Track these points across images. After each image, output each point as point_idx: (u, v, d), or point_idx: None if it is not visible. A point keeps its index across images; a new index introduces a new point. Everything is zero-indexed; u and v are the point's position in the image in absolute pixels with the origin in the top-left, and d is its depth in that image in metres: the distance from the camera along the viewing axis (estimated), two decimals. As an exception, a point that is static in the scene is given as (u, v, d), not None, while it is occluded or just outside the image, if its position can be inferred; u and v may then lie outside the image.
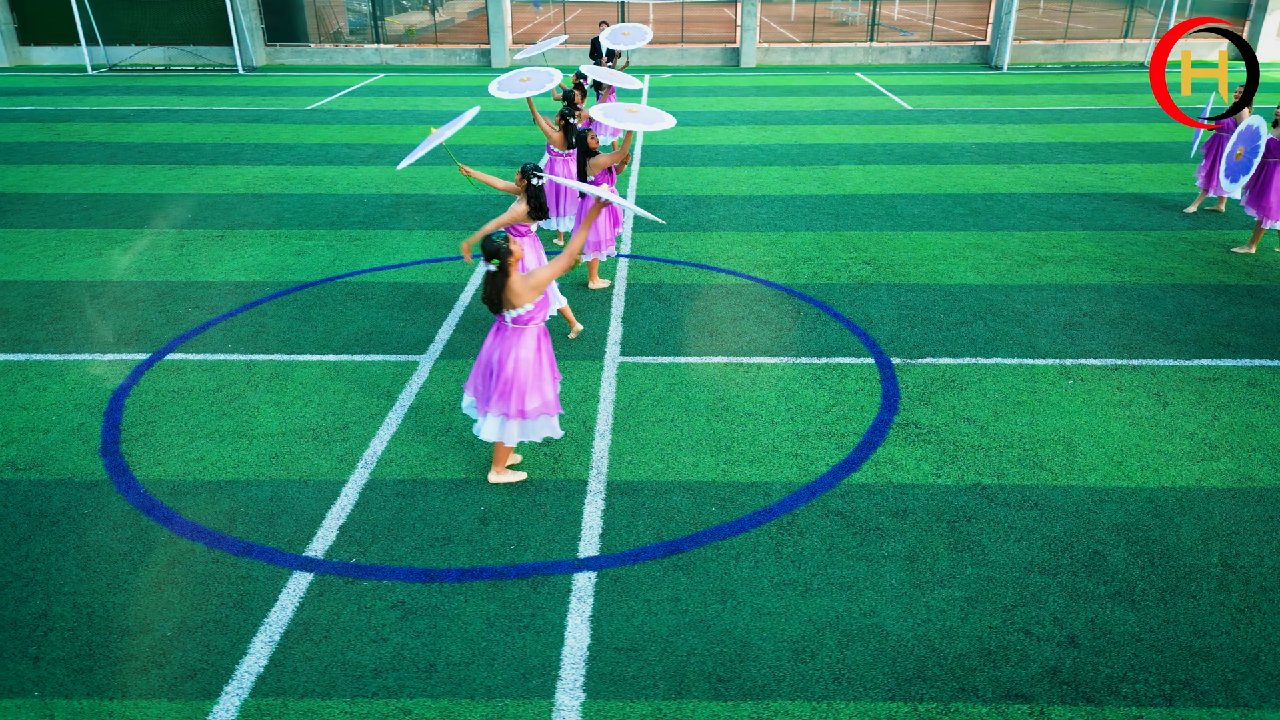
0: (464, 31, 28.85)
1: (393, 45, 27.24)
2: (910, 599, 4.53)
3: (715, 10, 28.52)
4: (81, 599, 4.55)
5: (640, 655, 4.18)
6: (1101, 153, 14.64)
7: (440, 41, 27.43)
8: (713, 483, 5.54)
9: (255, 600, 4.54)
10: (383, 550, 4.92)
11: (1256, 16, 26.41)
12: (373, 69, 26.14)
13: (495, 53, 26.24)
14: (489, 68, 26.43)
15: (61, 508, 5.29)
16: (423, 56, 27.10)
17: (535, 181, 6.74)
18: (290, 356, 7.25)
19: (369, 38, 27.57)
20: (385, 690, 3.99)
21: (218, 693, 3.98)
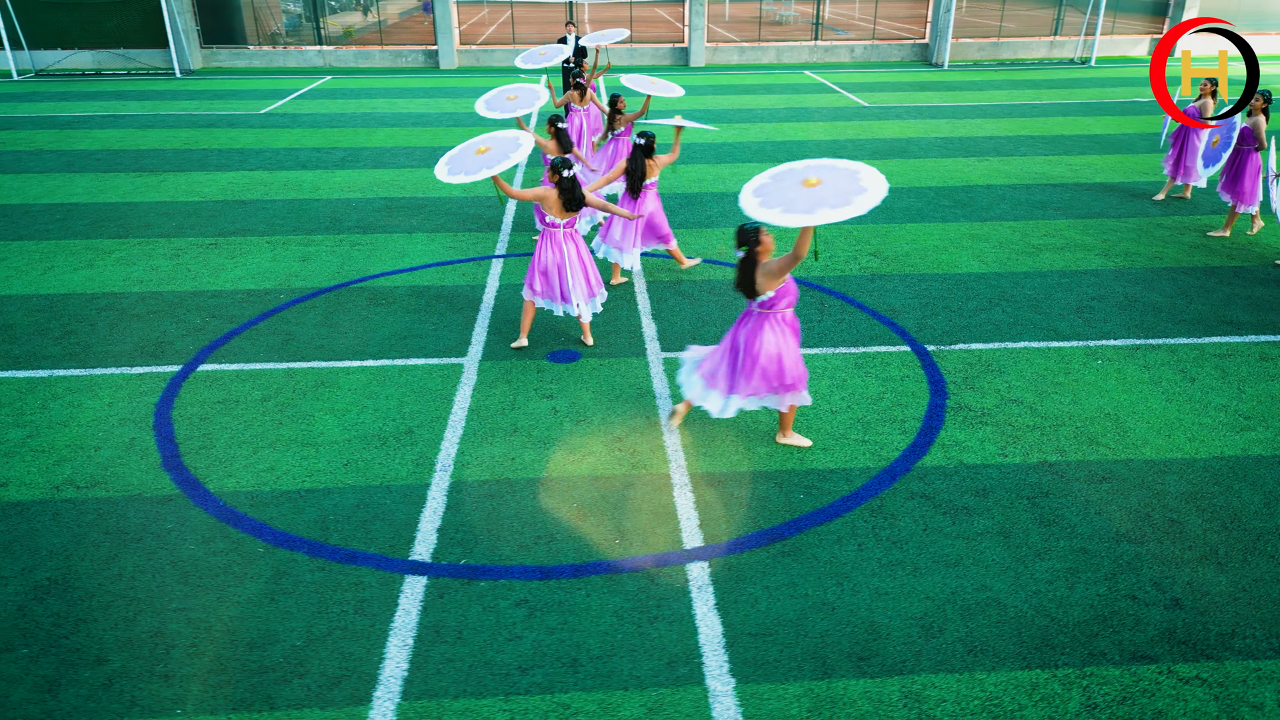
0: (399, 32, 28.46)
1: (335, 47, 26.71)
2: (1015, 572, 4.72)
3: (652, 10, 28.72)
4: (194, 614, 4.44)
5: (776, 639, 4.28)
6: (1060, 145, 15.24)
7: (385, 43, 27.01)
8: (792, 471, 5.67)
9: (375, 606, 4.50)
10: (488, 550, 4.92)
11: (1175, 14, 27.71)
12: (317, 71, 25.60)
13: (443, 54, 25.97)
14: (436, 69, 26.14)
15: (140, 524, 5.14)
16: (367, 58, 26.65)
17: (566, 174, 6.80)
18: (329, 363, 7.14)
19: (310, 39, 26.98)
20: (536, 687, 4.01)
21: (368, 698, 3.94)
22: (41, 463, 5.76)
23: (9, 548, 4.94)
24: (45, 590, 4.61)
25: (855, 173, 5.20)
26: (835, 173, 5.25)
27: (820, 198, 5.01)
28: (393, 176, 13.19)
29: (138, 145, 15.40)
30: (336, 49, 26.72)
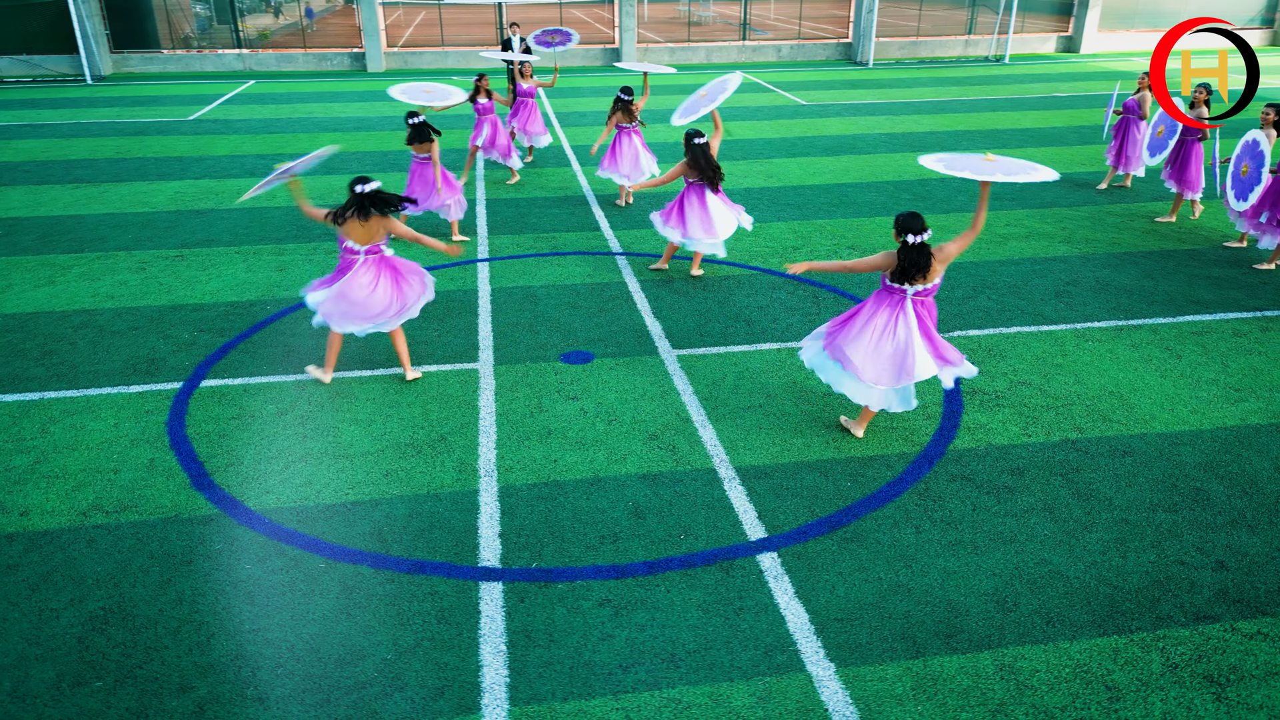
0: (317, 35, 27.75)
1: (256, 50, 25.91)
2: (1069, 545, 4.94)
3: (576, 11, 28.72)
4: (271, 634, 4.32)
5: (862, 623, 4.38)
6: (998, 139, 15.83)
7: (309, 45, 26.33)
8: (832, 460, 5.80)
9: (458, 614, 4.45)
10: (556, 553, 4.90)
11: (1080, 13, 29.04)
12: (238, 75, 24.79)
13: (370, 56, 25.46)
14: (364, 72, 25.61)
15: (186, 546, 4.96)
16: (291, 61, 25.94)
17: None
18: (339, 374, 6.98)
19: (228, 42, 26.11)
20: (641, 684, 4.03)
21: (476, 707, 3.90)
22: (59, 489, 5.50)
23: (49, 579, 4.70)
24: (102, 620, 4.41)
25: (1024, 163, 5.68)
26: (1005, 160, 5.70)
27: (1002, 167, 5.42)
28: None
29: (66, 155, 14.70)
30: (257, 52, 25.93)
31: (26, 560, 4.84)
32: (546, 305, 8.35)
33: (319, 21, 31.03)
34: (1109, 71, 24.63)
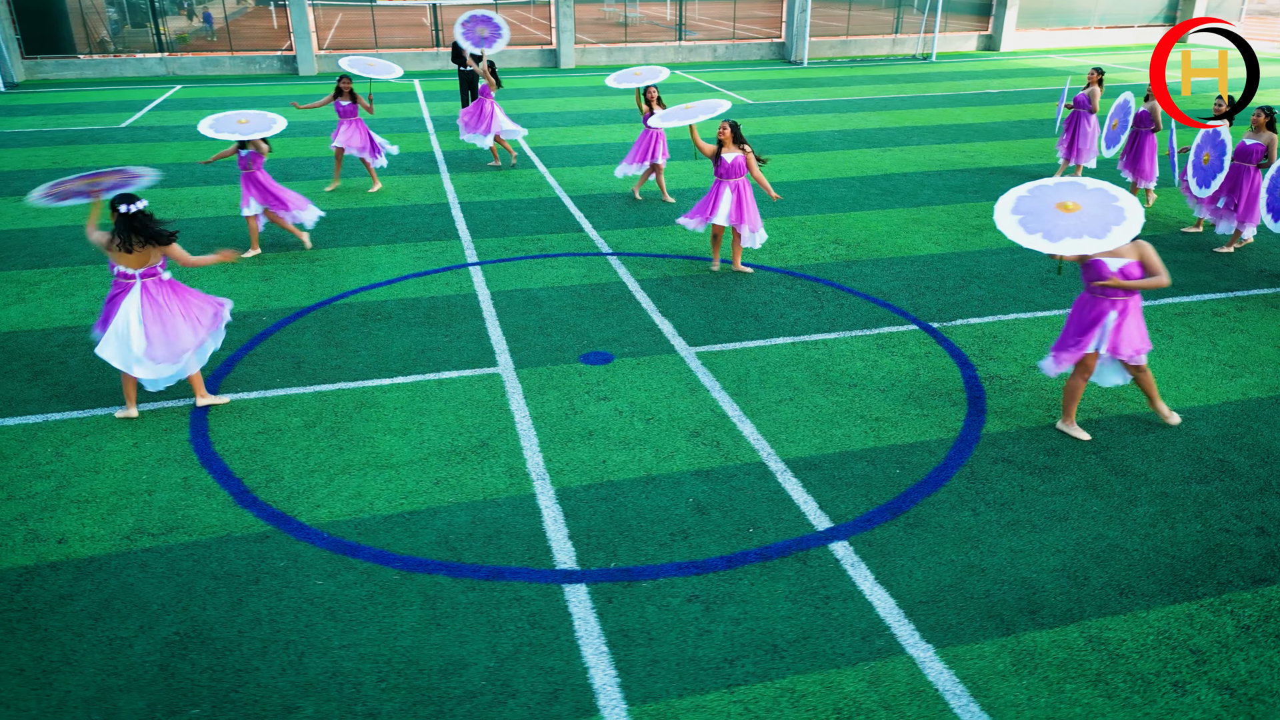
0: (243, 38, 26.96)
1: (179, 54, 25.01)
2: (1120, 520, 5.16)
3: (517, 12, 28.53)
4: (364, 649, 4.22)
5: (947, 604, 4.51)
6: (947, 134, 16.32)
7: (235, 49, 25.53)
8: (874, 449, 5.93)
9: (549, 618, 4.42)
10: (631, 552, 4.91)
11: (999, 12, 30.09)
12: (162, 80, 23.89)
13: (302, 59, 24.83)
14: (295, 75, 24.95)
15: (248, 565, 4.81)
16: (217, 65, 25.13)
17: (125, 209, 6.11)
18: (359, 384, 6.83)
19: (149, 46, 25.15)
20: (751, 676, 4.07)
21: (594, 709, 3.89)
22: (93, 513, 5.26)
23: (109, 606, 4.50)
24: (180, 645, 4.25)
25: (1114, 197, 5.52)
26: (1094, 198, 5.52)
27: (1083, 227, 5.28)
28: (310, 188, 12.58)
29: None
30: (180, 56, 25.03)
31: (79, 589, 4.62)
32: (551, 307, 8.31)
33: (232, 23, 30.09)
34: (1030, 69, 25.58)
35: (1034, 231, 5.39)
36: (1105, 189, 5.65)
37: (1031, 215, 5.52)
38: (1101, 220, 5.36)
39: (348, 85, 11.84)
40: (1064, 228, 5.36)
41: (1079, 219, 5.39)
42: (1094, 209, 5.47)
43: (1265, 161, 9.33)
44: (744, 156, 8.69)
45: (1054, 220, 5.43)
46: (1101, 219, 5.37)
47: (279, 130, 9.29)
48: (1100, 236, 5.25)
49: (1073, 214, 5.45)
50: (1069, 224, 5.37)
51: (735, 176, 8.74)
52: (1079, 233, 5.30)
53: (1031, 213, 5.54)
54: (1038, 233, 5.37)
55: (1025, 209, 5.60)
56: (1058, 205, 5.54)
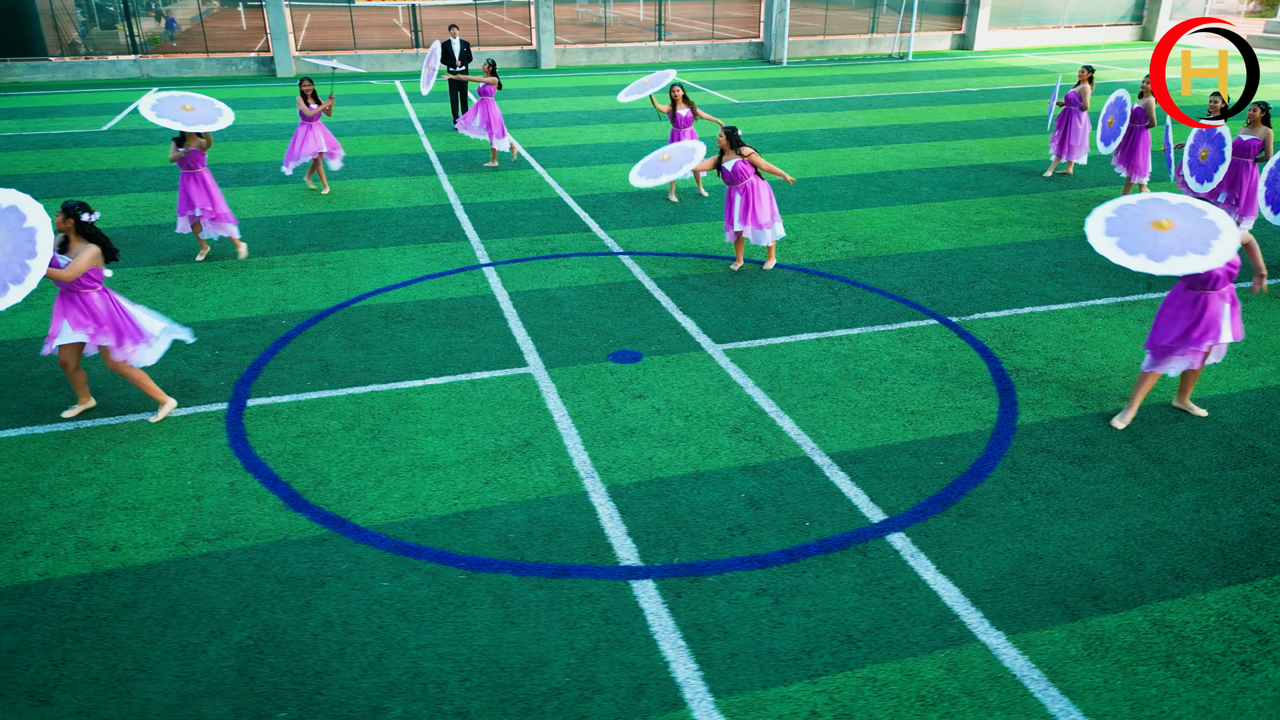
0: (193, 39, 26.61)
1: (154, 56, 24.65)
2: (1165, 506, 5.28)
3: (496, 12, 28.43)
4: (441, 649, 4.22)
5: (1011, 592, 4.59)
6: (935, 132, 16.53)
7: (211, 50, 25.20)
8: (914, 441, 6.01)
9: (621, 614, 4.45)
10: (692, 547, 4.95)
11: (971, 11, 30.49)
12: (136, 83, 23.52)
13: (279, 61, 24.57)
14: (273, 77, 24.70)
15: (311, 568, 4.78)
16: (192, 67, 24.79)
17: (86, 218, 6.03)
18: (391, 385, 6.81)
19: (123, 48, 24.76)
20: (833, 666, 4.12)
21: (681, 702, 3.92)
22: (142, 520, 5.20)
23: (175, 613, 4.46)
24: (255, 650, 4.22)
25: (1201, 211, 5.57)
26: (1183, 213, 5.56)
27: (1185, 244, 5.32)
28: (308, 190, 12.49)
29: (-16, 171, 13.71)
30: (155, 58, 24.67)
31: (142, 596, 4.57)
32: (572, 307, 8.32)
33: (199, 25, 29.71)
34: (1005, 67, 25.96)
35: (1136, 253, 5.43)
36: (1189, 202, 5.69)
37: (1128, 236, 5.56)
38: (1200, 235, 5.40)
39: (310, 88, 11.72)
40: (1166, 246, 5.39)
41: (1177, 236, 5.44)
42: (1187, 224, 5.51)
43: (1262, 156, 9.55)
44: (745, 160, 8.77)
45: (1153, 240, 5.46)
46: (1199, 234, 5.40)
47: (225, 124, 8.98)
48: (1205, 253, 5.30)
49: (1169, 231, 5.49)
50: (1169, 242, 5.41)
51: (741, 181, 8.82)
52: (1182, 250, 5.35)
53: (1127, 234, 5.58)
54: (1140, 254, 5.41)
55: (1119, 230, 5.64)
56: (1152, 224, 5.58)
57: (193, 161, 9.10)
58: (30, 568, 4.78)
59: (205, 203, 9.23)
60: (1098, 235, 5.67)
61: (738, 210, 8.89)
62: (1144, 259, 5.40)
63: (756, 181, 8.88)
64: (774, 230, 8.99)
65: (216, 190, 9.33)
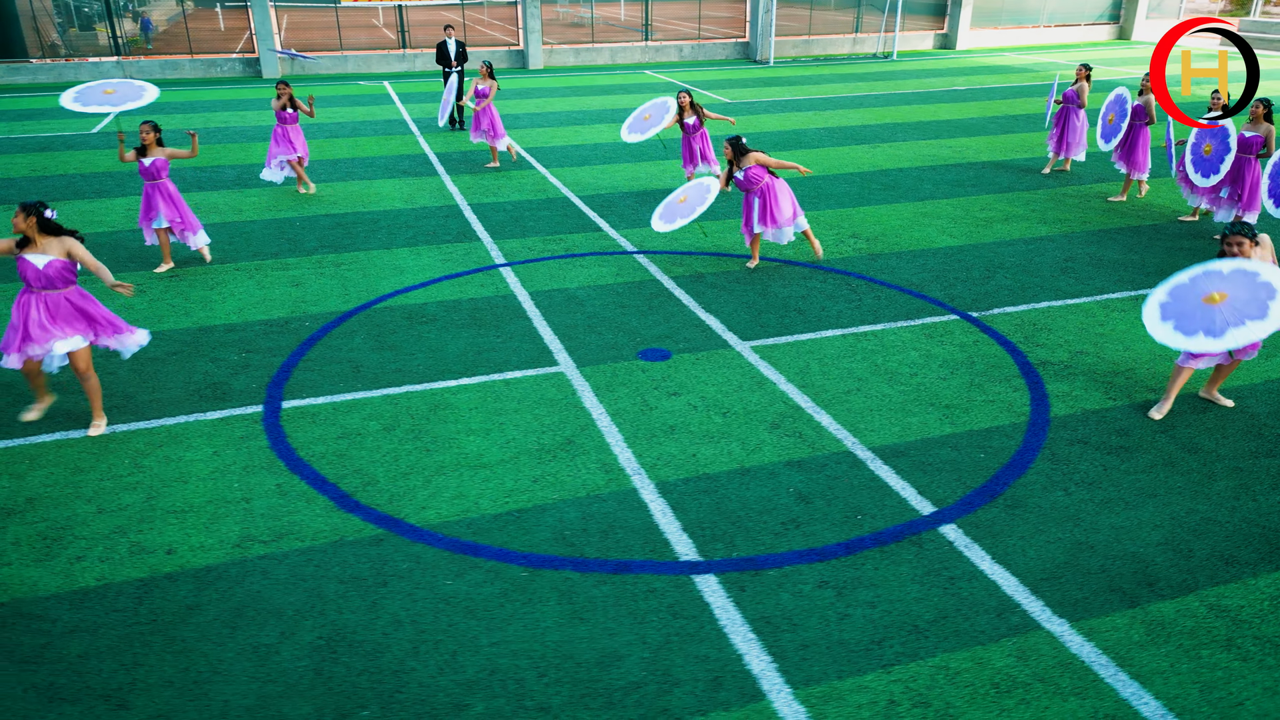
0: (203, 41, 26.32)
1: (137, 57, 24.36)
2: (1204, 494, 5.39)
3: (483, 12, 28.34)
4: (514, 646, 4.24)
5: (1068, 580, 4.67)
6: (928, 130, 16.69)
7: (195, 51, 24.95)
8: (952, 435, 6.09)
9: (688, 608, 4.48)
10: (749, 541, 4.99)
11: (953, 11, 30.79)
12: (124, 86, 23.18)
13: (265, 62, 24.37)
14: (259, 78, 24.49)
15: (370, 568, 4.78)
16: (176, 69, 24.54)
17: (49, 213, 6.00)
18: (425, 386, 6.81)
19: (103, 49, 24.45)
20: (904, 656, 4.18)
21: (760, 694, 3.97)
22: (193, 523, 5.17)
23: (241, 614, 4.45)
24: (328, 650, 4.22)
25: (1253, 275, 5.56)
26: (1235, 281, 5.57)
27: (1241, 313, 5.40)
28: (320, 195, 12.42)
29: (-22, 175, 13.50)
30: (138, 59, 24.39)
31: (205, 599, 4.55)
32: (594, 306, 8.34)
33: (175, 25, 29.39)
34: (988, 66, 26.25)
35: (1194, 333, 5.51)
36: (1240, 266, 5.70)
37: (1184, 317, 5.63)
38: (1255, 301, 5.44)
39: (288, 91, 11.63)
40: (1223, 320, 5.48)
41: (1232, 306, 5.51)
42: (1240, 292, 5.56)
43: (1264, 152, 9.74)
44: (755, 165, 8.84)
45: (1208, 316, 5.54)
46: (1255, 299, 5.45)
47: (150, 100, 8.74)
48: (1262, 317, 5.36)
49: (1223, 304, 5.56)
50: (1225, 314, 5.49)
51: (756, 186, 8.89)
52: (1240, 320, 5.43)
53: (1183, 314, 5.65)
54: (1198, 333, 5.49)
55: (1174, 313, 5.71)
56: (1204, 300, 5.65)
57: (156, 171, 8.94)
58: (86, 573, 4.74)
59: (173, 215, 9.04)
60: (1154, 323, 5.73)
61: (756, 213, 8.96)
62: (1202, 337, 5.48)
63: (772, 181, 8.94)
64: (798, 224, 9.07)
65: (181, 200, 9.15)
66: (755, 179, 8.86)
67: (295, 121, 11.81)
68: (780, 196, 8.93)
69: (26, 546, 4.96)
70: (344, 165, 14.12)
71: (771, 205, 8.88)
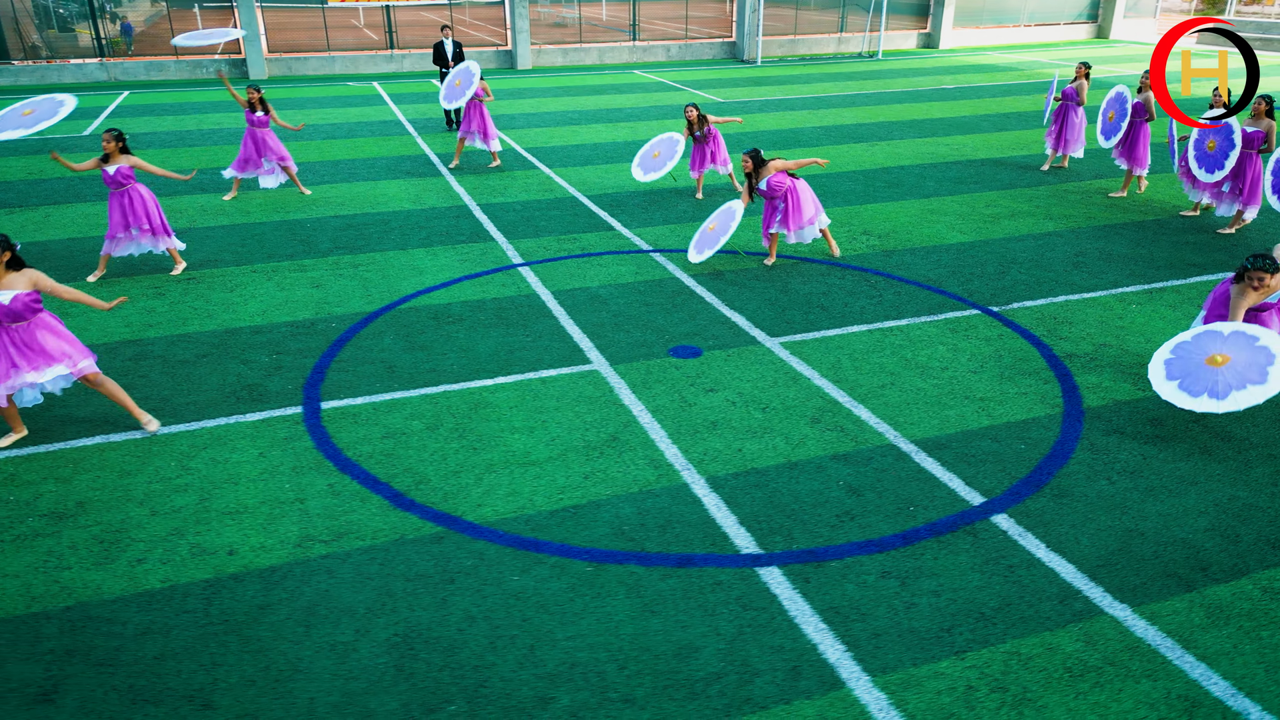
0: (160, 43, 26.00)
1: (121, 59, 24.09)
2: (1244, 480, 5.52)
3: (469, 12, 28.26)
4: (590, 639, 4.28)
5: (1123, 566, 4.78)
6: (924, 129, 16.86)
7: (180, 53, 24.70)
8: (991, 427, 6.19)
9: (757, 600, 4.55)
10: (806, 534, 5.06)
11: (936, 10, 31.08)
12: (105, 86, 22.97)
13: (252, 62, 24.19)
14: (246, 79, 24.28)
15: (436, 565, 4.80)
16: (161, 70, 24.30)
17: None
18: (462, 385, 6.82)
19: (89, 51, 24.16)
20: (974, 642, 4.26)
21: (839, 682, 4.03)
22: (251, 524, 5.17)
23: (314, 612, 4.46)
24: (405, 646, 4.24)
25: (1252, 339, 5.79)
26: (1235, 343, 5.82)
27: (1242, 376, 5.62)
28: (320, 194, 12.37)
29: (-26, 178, 13.33)
30: (123, 61, 24.12)
31: (274, 598, 4.55)
32: (618, 305, 8.38)
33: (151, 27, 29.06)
34: (973, 65, 26.53)
35: (1199, 394, 5.71)
36: (1239, 330, 5.91)
37: (1188, 377, 5.83)
38: (1255, 365, 5.67)
39: (257, 95, 11.48)
40: (1225, 382, 5.68)
41: (1234, 370, 5.71)
42: (1240, 355, 5.77)
43: (1265, 147, 9.95)
44: (776, 174, 8.94)
45: (1211, 378, 5.74)
46: (1254, 363, 5.68)
47: (68, 111, 8.20)
48: (1262, 381, 5.58)
49: (1224, 366, 5.76)
50: (1228, 378, 5.69)
51: (778, 193, 8.99)
52: (1241, 384, 5.64)
53: (1187, 374, 5.86)
54: (1202, 394, 5.69)
55: (1179, 372, 5.90)
56: (1207, 361, 5.85)
57: (122, 178, 8.81)
58: (150, 575, 4.73)
59: (141, 220, 8.89)
60: (1160, 380, 5.95)
61: (779, 218, 9.05)
62: (1206, 398, 5.67)
63: (794, 184, 9.03)
64: (819, 221, 9.18)
65: (154, 203, 9.01)
66: (777, 187, 8.95)
67: (266, 125, 11.61)
68: (802, 199, 9.03)
69: (84, 550, 4.93)
70: (345, 166, 14.07)
71: (792, 209, 8.97)
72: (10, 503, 5.37)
